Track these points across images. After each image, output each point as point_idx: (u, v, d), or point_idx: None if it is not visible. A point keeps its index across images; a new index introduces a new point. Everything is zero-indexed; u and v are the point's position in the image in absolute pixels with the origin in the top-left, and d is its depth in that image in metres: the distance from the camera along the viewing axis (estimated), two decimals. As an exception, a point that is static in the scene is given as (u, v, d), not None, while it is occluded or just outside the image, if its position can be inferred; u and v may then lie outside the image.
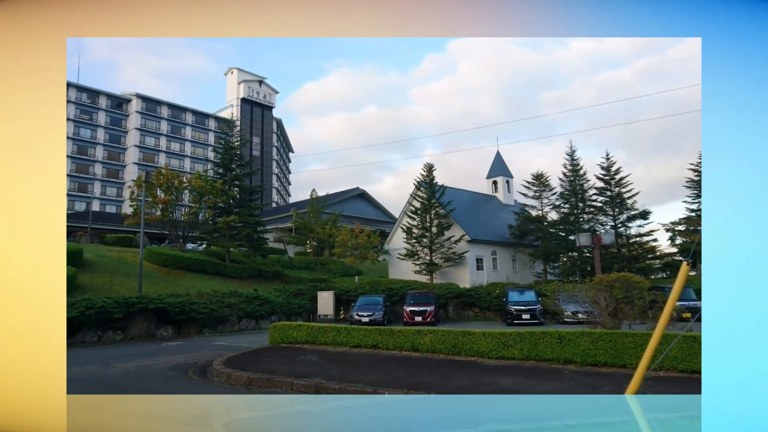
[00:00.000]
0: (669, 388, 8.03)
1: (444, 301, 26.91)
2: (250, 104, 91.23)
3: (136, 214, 31.98)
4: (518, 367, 9.80)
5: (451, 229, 34.76)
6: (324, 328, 13.34)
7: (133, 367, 11.99)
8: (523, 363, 10.15)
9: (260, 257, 34.99)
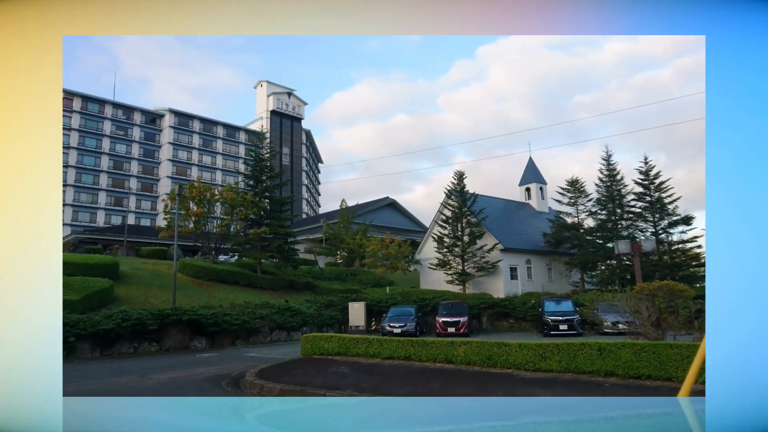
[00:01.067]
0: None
1: (477, 311, 26.52)
2: (280, 116, 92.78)
3: (170, 226, 32.74)
4: (556, 380, 9.54)
5: (484, 238, 34.31)
6: (356, 339, 13.29)
7: (167, 379, 12.18)
8: (561, 375, 9.89)
9: (291, 268, 35.24)
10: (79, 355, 17.00)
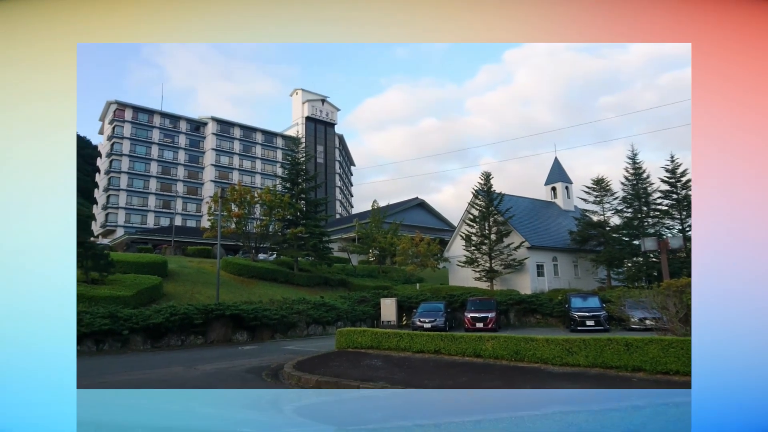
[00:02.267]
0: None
1: (505, 307, 26.51)
2: (314, 122, 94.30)
3: (213, 227, 34.08)
4: (584, 375, 9.55)
5: (511, 236, 34.35)
6: (387, 333, 13.62)
7: (212, 369, 12.82)
8: (588, 370, 9.85)
9: (326, 266, 36.11)
10: (132, 347, 18.13)
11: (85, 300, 19.46)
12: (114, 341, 17.81)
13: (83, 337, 17.04)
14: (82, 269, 21.70)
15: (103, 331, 17.33)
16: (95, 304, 19.03)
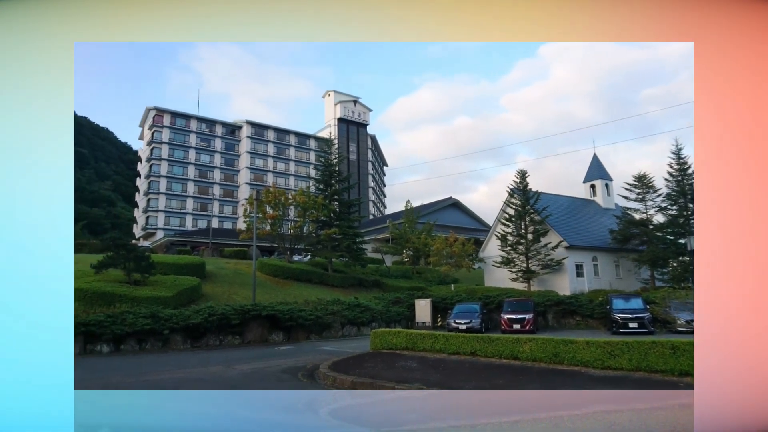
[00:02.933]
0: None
1: (543, 309, 25.97)
2: (347, 123, 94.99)
3: (249, 229, 34.72)
4: (627, 379, 9.27)
5: (548, 236, 33.65)
6: (422, 334, 13.58)
7: (250, 369, 13.03)
8: (632, 374, 9.55)
9: (360, 267, 36.26)
10: (173, 346, 18.62)
11: (127, 300, 20.12)
12: (155, 340, 18.33)
13: (126, 336, 17.61)
14: (125, 271, 22.42)
15: (145, 330, 17.85)
16: (137, 305, 19.64)
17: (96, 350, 17.01)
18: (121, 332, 17.34)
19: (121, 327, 17.38)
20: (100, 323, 17.06)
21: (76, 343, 16.61)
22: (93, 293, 20.30)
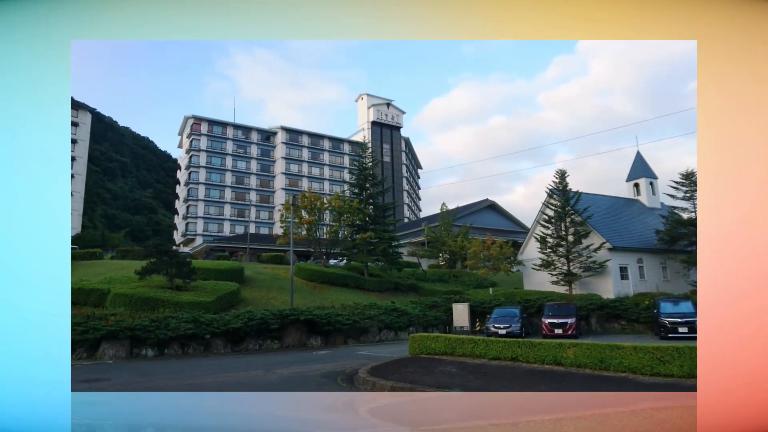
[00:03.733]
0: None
1: (585, 313, 25.30)
2: (380, 126, 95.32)
3: (286, 234, 35.18)
4: (678, 386, 8.97)
5: (590, 237, 32.65)
6: (462, 339, 13.42)
7: (289, 374, 13.14)
8: (683, 381, 9.22)
9: (396, 271, 36.16)
10: (214, 350, 19.00)
11: (170, 305, 20.66)
12: (197, 345, 18.74)
13: (170, 340, 18.07)
14: (167, 276, 23.06)
15: (187, 335, 18.28)
16: (180, 310, 20.14)
17: (141, 354, 17.52)
18: (164, 337, 17.81)
19: (165, 331, 17.85)
20: (145, 328, 17.56)
21: (122, 346, 17.17)
22: (138, 298, 20.95)
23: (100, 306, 20.95)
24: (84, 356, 16.79)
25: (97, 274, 26.03)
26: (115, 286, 22.46)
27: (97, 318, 17.82)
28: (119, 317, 18.10)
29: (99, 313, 18.87)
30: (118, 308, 20.13)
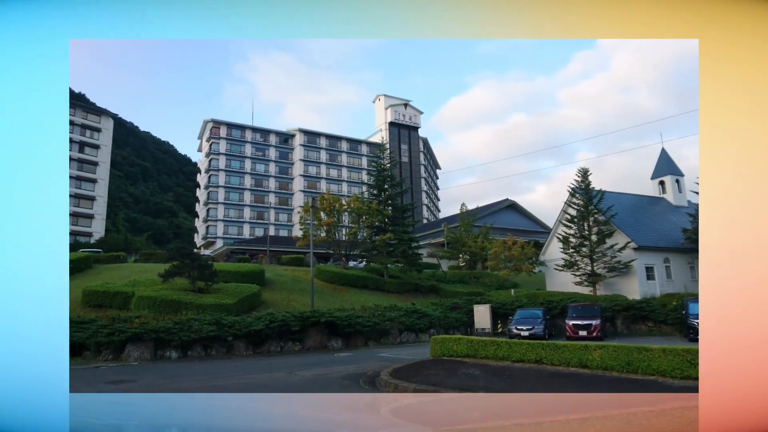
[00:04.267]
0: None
1: (610, 314, 24.86)
2: (398, 127, 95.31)
3: (305, 236, 35.34)
4: None
5: (614, 237, 32.04)
6: (484, 341, 13.28)
7: (311, 375, 13.19)
8: None
9: (416, 272, 36.02)
10: (236, 352, 19.13)
11: (193, 308, 20.89)
12: (220, 347, 18.90)
13: (193, 342, 18.26)
14: (190, 279, 23.33)
15: (210, 337, 18.44)
16: (202, 312, 20.35)
17: (166, 356, 17.73)
18: (188, 339, 17.99)
19: (188, 334, 18.04)
20: (169, 330, 17.77)
21: (147, 348, 17.40)
22: (161, 301, 21.23)
23: (124, 308, 21.30)
24: (110, 358, 17.07)
25: (122, 277, 26.47)
26: (139, 288, 22.81)
27: (122, 320, 18.11)
28: (143, 319, 18.36)
29: (124, 315, 19.18)
30: (143, 311, 20.43)
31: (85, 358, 17.06)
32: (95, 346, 17.17)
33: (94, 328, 17.44)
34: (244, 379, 12.93)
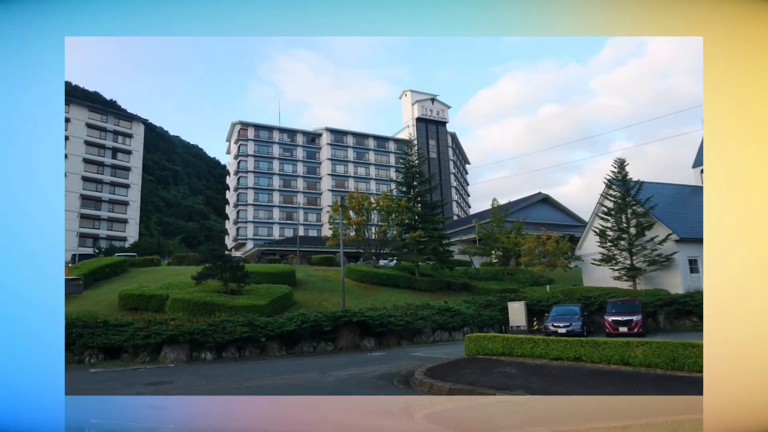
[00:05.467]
0: None
1: (652, 309, 24.04)
2: (425, 122, 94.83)
3: (335, 235, 35.40)
4: None
5: (654, 229, 30.86)
6: (520, 339, 12.98)
7: (345, 376, 13.13)
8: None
9: (447, 270, 35.62)
10: (269, 353, 19.24)
11: (226, 309, 21.13)
12: (253, 348, 19.05)
13: (227, 344, 18.45)
14: (222, 281, 23.62)
15: (243, 338, 18.61)
16: (235, 313, 20.56)
17: (201, 357, 17.97)
18: (222, 340, 18.19)
19: (222, 335, 18.23)
20: (203, 332, 18.00)
21: (182, 350, 17.67)
22: (195, 303, 21.56)
23: (160, 311, 21.71)
24: (147, 360, 17.40)
25: (156, 280, 27.01)
26: (173, 291, 23.22)
27: (157, 323, 18.43)
28: (178, 322, 18.65)
29: (159, 318, 19.52)
30: (177, 313, 20.77)
31: (124, 360, 17.45)
32: (133, 349, 17.54)
33: (131, 330, 17.82)
34: (278, 380, 12.94)
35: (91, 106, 78.57)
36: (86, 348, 17.53)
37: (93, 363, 17.12)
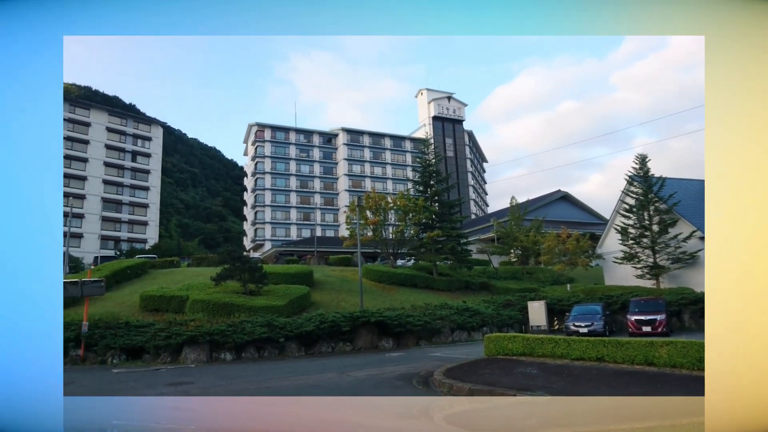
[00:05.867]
0: None
1: (677, 308, 23.55)
2: (442, 121, 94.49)
3: (353, 236, 35.44)
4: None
5: (678, 226, 30.21)
6: (541, 339, 12.81)
7: (363, 376, 13.10)
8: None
9: (466, 269, 35.37)
10: (288, 353, 19.32)
11: (245, 310, 21.28)
12: (272, 348, 19.14)
13: (246, 344, 18.58)
14: (241, 282, 23.80)
15: (262, 338, 18.71)
16: (254, 314, 20.69)
17: (220, 358, 18.11)
18: (241, 341, 18.31)
19: (241, 336, 18.35)
20: (223, 332, 18.15)
21: (202, 351, 17.83)
22: (214, 304, 21.75)
23: (180, 312, 21.95)
24: (168, 360, 17.60)
25: (176, 282, 27.33)
26: (193, 292, 23.46)
27: (178, 324, 18.64)
28: (198, 322, 18.83)
29: (180, 319, 19.74)
30: (197, 314, 20.98)
31: (145, 361, 17.68)
32: (154, 349, 17.76)
33: (152, 331, 18.04)
34: (297, 380, 12.97)
35: (111, 110, 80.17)
36: (109, 349, 17.80)
37: (115, 363, 17.38)
